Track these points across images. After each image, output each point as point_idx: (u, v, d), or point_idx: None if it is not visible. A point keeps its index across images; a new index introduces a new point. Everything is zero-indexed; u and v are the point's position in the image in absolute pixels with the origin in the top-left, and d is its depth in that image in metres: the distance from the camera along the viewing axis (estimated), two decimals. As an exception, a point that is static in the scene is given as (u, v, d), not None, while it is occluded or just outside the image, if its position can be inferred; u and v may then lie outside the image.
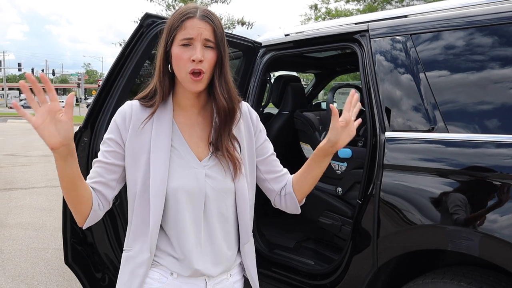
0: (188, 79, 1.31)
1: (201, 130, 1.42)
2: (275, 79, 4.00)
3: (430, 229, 1.95)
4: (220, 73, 1.36)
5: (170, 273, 1.37)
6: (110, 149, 1.37)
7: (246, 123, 1.49)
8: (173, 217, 1.35)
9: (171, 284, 1.37)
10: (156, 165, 1.33)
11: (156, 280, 1.37)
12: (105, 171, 1.37)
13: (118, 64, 2.47)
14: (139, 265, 1.36)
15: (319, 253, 3.07)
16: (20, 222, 5.81)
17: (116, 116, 1.40)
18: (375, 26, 2.35)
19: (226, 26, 21.82)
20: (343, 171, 3.10)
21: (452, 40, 2.04)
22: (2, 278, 4.09)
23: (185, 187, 1.33)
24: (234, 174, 1.39)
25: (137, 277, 1.36)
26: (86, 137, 2.53)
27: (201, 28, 1.31)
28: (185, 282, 1.37)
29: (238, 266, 1.51)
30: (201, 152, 1.39)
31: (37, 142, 15.74)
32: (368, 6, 16.86)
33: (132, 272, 1.37)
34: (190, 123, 1.42)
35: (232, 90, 1.39)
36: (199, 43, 1.30)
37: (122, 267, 1.41)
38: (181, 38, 1.31)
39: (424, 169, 1.99)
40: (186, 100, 1.41)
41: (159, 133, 1.36)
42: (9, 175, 9.09)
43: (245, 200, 1.44)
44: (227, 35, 2.83)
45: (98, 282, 2.73)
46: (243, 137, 1.46)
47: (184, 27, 1.31)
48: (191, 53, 1.30)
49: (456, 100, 1.99)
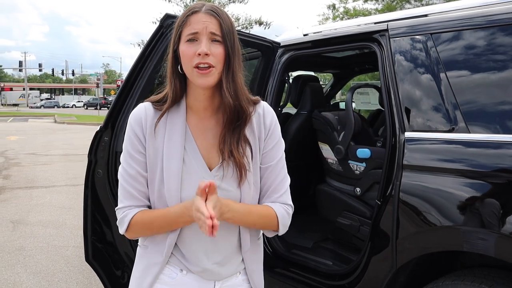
0: (195, 73, 1.27)
1: (213, 136, 1.37)
2: (294, 79, 3.99)
3: (449, 231, 1.93)
4: (228, 68, 1.30)
5: (180, 270, 1.38)
6: (141, 159, 1.36)
7: (259, 127, 1.41)
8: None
9: (180, 280, 1.38)
10: (169, 175, 1.32)
11: (167, 275, 1.39)
12: (142, 186, 1.37)
13: (138, 64, 2.50)
14: (153, 265, 1.38)
15: (337, 254, 3.06)
16: (41, 220, 5.91)
17: (132, 124, 1.37)
18: (394, 26, 2.33)
19: (244, 26, 21.85)
20: (361, 172, 3.09)
21: (473, 40, 2.01)
22: (24, 274, 4.17)
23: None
24: (239, 181, 1.34)
25: (149, 275, 1.38)
26: (106, 137, 2.56)
27: (206, 21, 1.27)
28: (194, 279, 1.38)
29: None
30: (212, 159, 1.36)
31: (57, 141, 16.00)
32: (387, 5, 16.69)
33: (145, 269, 1.39)
34: (203, 127, 1.38)
35: (240, 87, 1.33)
36: (205, 36, 1.26)
37: (137, 261, 1.43)
38: (186, 34, 1.28)
39: (444, 169, 1.97)
40: (199, 102, 1.37)
41: (172, 138, 1.34)
42: (30, 174, 9.26)
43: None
44: (246, 35, 2.86)
45: (118, 279, 2.76)
46: (256, 140, 1.40)
47: (189, 22, 1.28)
48: (196, 47, 1.26)
49: (477, 100, 1.97)
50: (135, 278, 1.41)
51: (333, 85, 5.08)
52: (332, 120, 3.38)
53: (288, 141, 3.57)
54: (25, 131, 21.05)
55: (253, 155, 1.38)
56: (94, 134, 2.59)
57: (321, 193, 3.48)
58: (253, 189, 1.38)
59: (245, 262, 1.45)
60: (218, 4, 21.20)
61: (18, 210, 6.37)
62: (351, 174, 3.17)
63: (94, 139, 2.59)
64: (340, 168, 3.29)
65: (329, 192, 3.37)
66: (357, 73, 5.13)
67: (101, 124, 2.58)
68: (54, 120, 30.81)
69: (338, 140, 3.26)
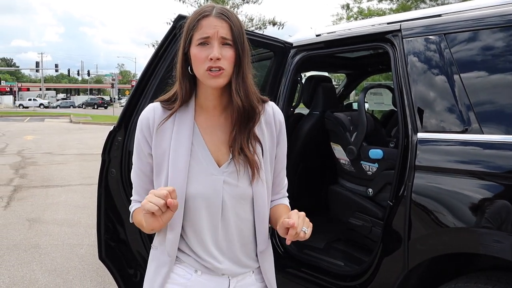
0: (207, 75, 1.29)
1: (222, 132, 1.39)
2: (306, 79, 3.99)
3: (462, 232, 1.91)
4: (238, 70, 1.32)
5: (194, 270, 1.39)
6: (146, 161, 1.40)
7: (269, 126, 1.44)
8: (191, 221, 1.36)
9: (195, 281, 1.39)
10: (175, 169, 1.33)
11: (181, 276, 1.39)
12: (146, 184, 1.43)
13: (152, 64, 2.52)
14: (162, 265, 1.40)
15: (349, 254, 3.05)
16: (56, 219, 5.99)
17: (140, 126, 1.40)
18: (407, 26, 2.32)
19: (258, 26, 21.85)
20: (374, 172, 3.07)
21: (486, 40, 1.99)
22: (39, 272, 4.24)
23: (202, 194, 1.33)
24: (251, 179, 1.36)
25: (159, 275, 1.39)
26: (120, 137, 2.59)
27: (217, 26, 1.29)
28: (209, 279, 1.39)
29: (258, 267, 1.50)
30: (221, 156, 1.37)
31: (72, 141, 16.19)
32: (402, 5, 16.55)
33: (155, 270, 1.41)
34: (212, 124, 1.40)
35: (250, 88, 1.35)
36: (216, 41, 1.28)
37: (149, 263, 1.46)
38: (198, 38, 1.30)
39: (457, 170, 1.95)
40: (208, 101, 1.39)
41: (180, 135, 1.35)
42: (46, 173, 9.39)
43: (264, 205, 1.41)
44: (258, 36, 2.87)
45: (130, 277, 2.79)
46: (265, 138, 1.42)
47: (200, 26, 1.30)
48: (208, 52, 1.28)
49: (491, 101, 1.95)
50: (148, 279, 1.44)
51: (346, 86, 5.06)
52: (345, 121, 3.37)
53: (301, 142, 3.58)
54: (41, 130, 21.34)
55: (264, 153, 1.40)
56: (108, 134, 2.62)
57: (333, 194, 3.48)
58: (265, 187, 1.40)
59: (259, 260, 1.47)
60: (232, 5, 21.29)
61: (34, 209, 6.46)
62: (363, 175, 3.16)
63: (108, 138, 2.62)
64: (352, 169, 3.28)
65: (341, 193, 3.36)
66: (371, 73, 5.11)
67: (114, 124, 2.61)
68: (70, 120, 31.16)
69: (350, 140, 3.25)
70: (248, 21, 21.90)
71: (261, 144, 1.40)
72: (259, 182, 1.37)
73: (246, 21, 21.91)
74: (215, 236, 1.37)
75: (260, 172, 1.37)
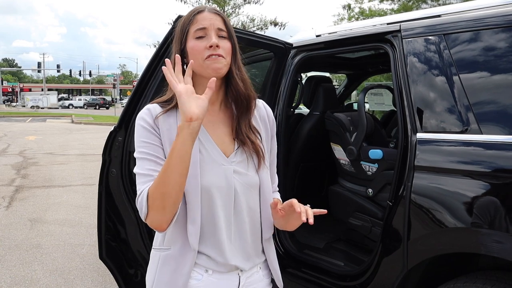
0: (207, 62, 1.33)
1: (224, 125, 1.44)
2: (307, 79, 4.00)
3: (462, 232, 1.92)
4: (235, 60, 1.40)
5: (205, 270, 1.39)
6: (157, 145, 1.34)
7: (263, 119, 1.52)
8: (206, 214, 1.35)
9: (206, 281, 1.38)
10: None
11: (192, 277, 1.38)
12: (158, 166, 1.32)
13: (152, 65, 2.53)
14: (183, 264, 1.36)
15: (349, 254, 3.06)
16: (58, 219, 6.00)
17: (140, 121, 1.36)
18: (407, 26, 2.32)
19: (259, 27, 21.85)
20: (374, 172, 3.08)
21: (486, 40, 2.00)
22: (41, 272, 4.25)
23: (216, 184, 1.35)
24: (258, 165, 1.42)
25: (181, 276, 1.35)
26: (120, 137, 2.60)
27: (212, 18, 1.36)
28: (220, 278, 1.39)
29: (265, 261, 1.53)
30: (227, 147, 1.41)
31: (74, 141, 16.20)
32: (403, 6, 16.54)
33: (175, 272, 1.36)
34: (212, 120, 1.43)
35: (246, 78, 1.43)
36: (213, 31, 1.35)
37: (161, 267, 1.39)
38: (194, 30, 1.36)
39: (456, 171, 1.96)
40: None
41: None
42: (47, 173, 9.40)
43: (269, 192, 1.47)
44: (258, 36, 2.87)
45: (131, 277, 2.80)
46: (261, 130, 1.49)
47: (195, 20, 1.37)
48: (206, 42, 1.34)
49: (490, 102, 1.96)
50: (164, 283, 1.37)
51: (347, 86, 5.07)
52: (345, 121, 3.38)
53: (301, 142, 3.59)
54: (43, 131, 21.36)
55: (266, 143, 1.49)
56: (108, 134, 2.63)
57: (333, 194, 3.49)
58: (269, 174, 1.49)
59: (265, 251, 1.50)
60: (233, 5, 21.28)
61: (36, 209, 6.48)
62: (363, 175, 3.17)
63: (108, 139, 2.63)
64: (352, 169, 3.29)
65: (341, 193, 3.37)
66: (371, 74, 5.11)
67: (115, 125, 2.62)
68: (72, 120, 31.19)
69: (350, 141, 3.26)
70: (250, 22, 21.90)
71: (259, 133, 1.47)
72: (264, 169, 1.44)
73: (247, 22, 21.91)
74: (229, 227, 1.38)
75: (265, 159, 1.44)
